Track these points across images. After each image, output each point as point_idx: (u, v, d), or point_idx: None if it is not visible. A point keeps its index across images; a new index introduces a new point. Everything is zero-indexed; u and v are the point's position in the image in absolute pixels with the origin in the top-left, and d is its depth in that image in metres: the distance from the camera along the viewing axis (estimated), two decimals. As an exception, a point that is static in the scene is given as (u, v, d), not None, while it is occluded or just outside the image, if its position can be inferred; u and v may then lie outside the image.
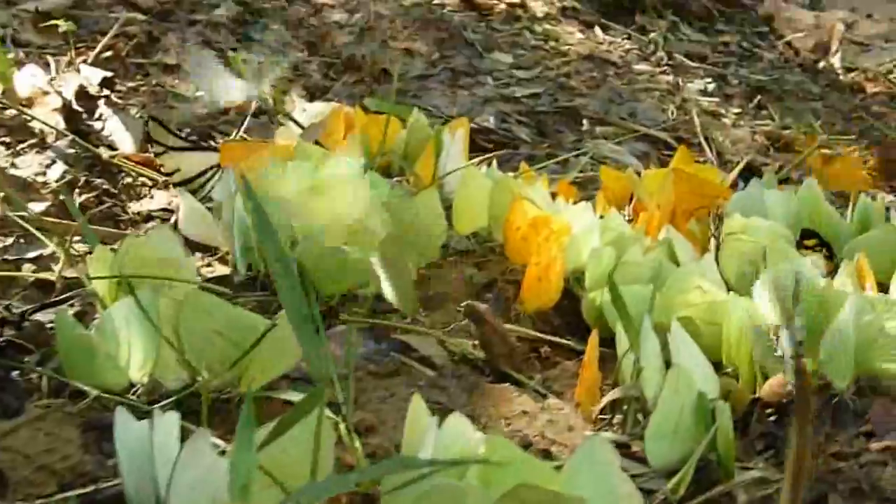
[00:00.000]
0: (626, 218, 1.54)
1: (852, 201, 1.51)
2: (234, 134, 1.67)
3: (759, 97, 2.62)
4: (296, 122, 1.68)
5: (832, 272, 1.39)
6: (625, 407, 1.07)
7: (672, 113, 2.35)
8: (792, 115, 2.62)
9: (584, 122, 2.20)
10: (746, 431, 1.09)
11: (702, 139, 2.25)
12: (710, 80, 2.64)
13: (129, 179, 1.54)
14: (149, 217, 1.46)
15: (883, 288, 1.33)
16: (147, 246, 1.11)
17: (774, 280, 1.15)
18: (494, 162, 1.49)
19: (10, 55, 1.73)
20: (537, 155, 1.97)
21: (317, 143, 1.55)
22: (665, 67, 2.65)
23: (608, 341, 1.15)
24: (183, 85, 1.98)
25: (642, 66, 2.63)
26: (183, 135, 1.49)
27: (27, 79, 1.67)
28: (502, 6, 2.78)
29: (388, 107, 1.71)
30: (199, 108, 1.79)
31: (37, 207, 1.38)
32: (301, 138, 1.49)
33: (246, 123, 1.71)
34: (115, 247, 1.11)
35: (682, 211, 1.52)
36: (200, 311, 0.96)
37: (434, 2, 2.70)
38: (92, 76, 1.76)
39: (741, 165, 1.78)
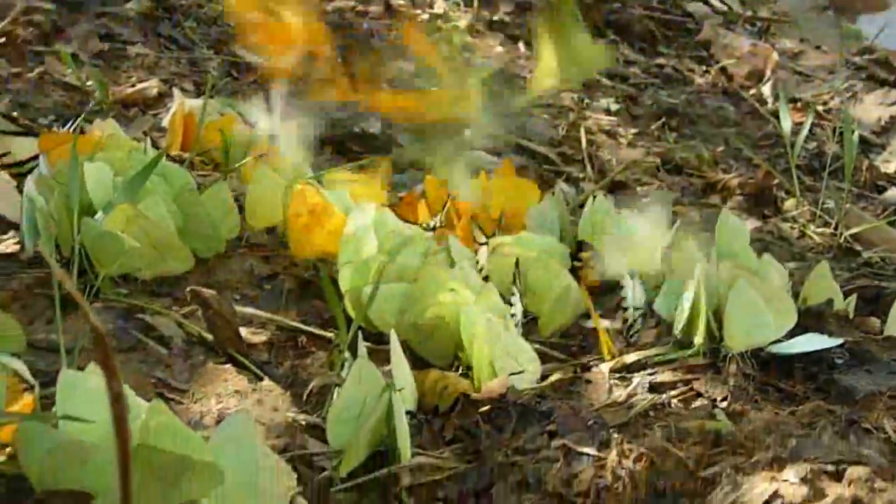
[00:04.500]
0: (439, 223, 1.62)
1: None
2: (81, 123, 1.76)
3: (663, 120, 2.69)
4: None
5: (599, 286, 1.49)
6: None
7: (563, 129, 2.43)
8: (701, 140, 2.69)
9: (466, 132, 2.27)
10: (446, 424, 1.17)
11: (585, 156, 2.33)
12: (616, 99, 2.72)
13: (-28, 160, 1.63)
14: (-21, 196, 1.55)
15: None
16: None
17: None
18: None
19: None
20: (402, 161, 2.05)
21: (145, 133, 1.64)
22: (573, 84, 2.72)
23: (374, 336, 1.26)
24: (75, 75, 2.08)
25: (550, 82, 2.71)
26: (20, 121, 1.58)
27: None
28: (425, 16, 2.86)
29: (237, 107, 1.81)
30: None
31: None
32: (126, 132, 1.58)
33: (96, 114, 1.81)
34: None
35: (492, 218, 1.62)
36: None
37: (358, 8, 2.80)
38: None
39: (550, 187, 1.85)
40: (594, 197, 1.60)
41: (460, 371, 1.28)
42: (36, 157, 1.53)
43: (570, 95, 2.67)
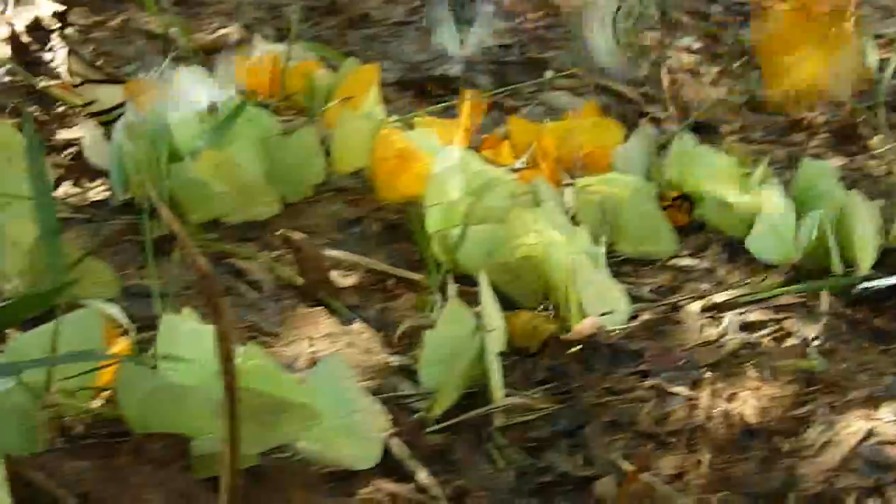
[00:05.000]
0: (524, 164, 1.62)
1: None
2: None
3: (746, 58, 2.65)
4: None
5: (688, 225, 1.48)
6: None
7: (645, 69, 2.40)
8: (784, 77, 2.65)
9: (548, 72, 2.26)
10: (537, 365, 1.17)
11: (667, 95, 2.30)
12: (698, 38, 2.68)
13: (62, 108, 1.65)
14: (69, 144, 1.57)
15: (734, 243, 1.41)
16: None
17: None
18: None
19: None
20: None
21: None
22: (655, 24, 2.69)
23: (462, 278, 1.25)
24: (155, 21, 2.08)
25: (630, 22, 2.68)
26: (104, 69, 1.59)
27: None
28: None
29: (321, 51, 1.81)
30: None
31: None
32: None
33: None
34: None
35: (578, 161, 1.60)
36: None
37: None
38: (47, 8, 1.87)
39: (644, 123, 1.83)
40: (680, 136, 1.58)
41: (549, 312, 1.27)
42: (122, 105, 1.54)
43: (652, 34, 2.64)
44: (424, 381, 1.09)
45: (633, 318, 1.28)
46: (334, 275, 1.29)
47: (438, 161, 1.42)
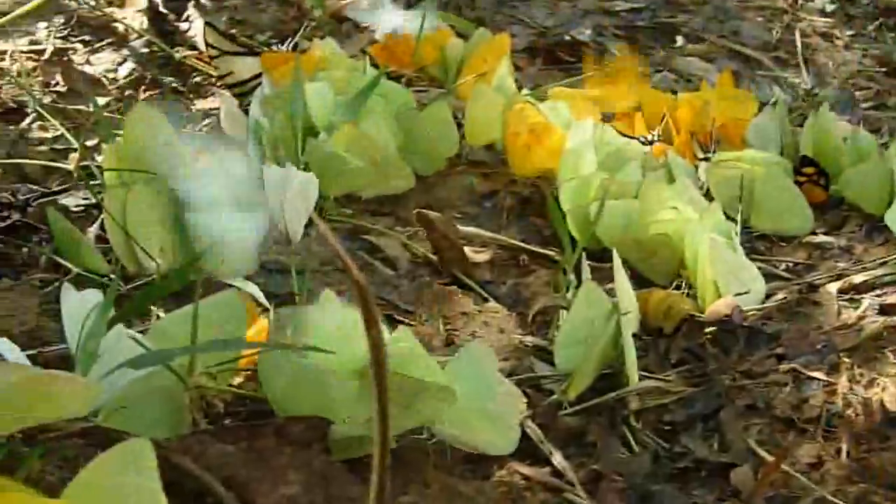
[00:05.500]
0: (657, 136, 1.61)
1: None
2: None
3: (881, 20, 2.60)
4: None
5: (825, 201, 1.46)
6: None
7: (777, 32, 2.37)
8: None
9: (679, 38, 2.24)
10: (671, 346, 1.17)
11: (800, 60, 2.27)
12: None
13: (198, 79, 1.67)
14: (207, 115, 1.59)
15: (872, 220, 1.39)
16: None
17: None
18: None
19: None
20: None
21: (363, 51, 1.66)
22: (787, -15, 2.64)
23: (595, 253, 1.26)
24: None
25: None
26: (238, 39, 1.61)
27: (119, -22, 1.82)
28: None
29: (454, 20, 1.81)
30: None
31: (100, 101, 1.52)
32: (344, 49, 1.60)
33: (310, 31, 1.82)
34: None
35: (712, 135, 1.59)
36: (144, 206, 1.10)
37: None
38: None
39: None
40: (815, 106, 1.56)
41: (682, 290, 1.26)
42: (258, 77, 1.56)
43: (784, -5, 2.59)
44: (560, 363, 1.09)
45: (769, 297, 1.27)
46: (467, 250, 1.29)
47: (571, 136, 1.42)
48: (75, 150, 1.37)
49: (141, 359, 0.80)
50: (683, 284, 1.28)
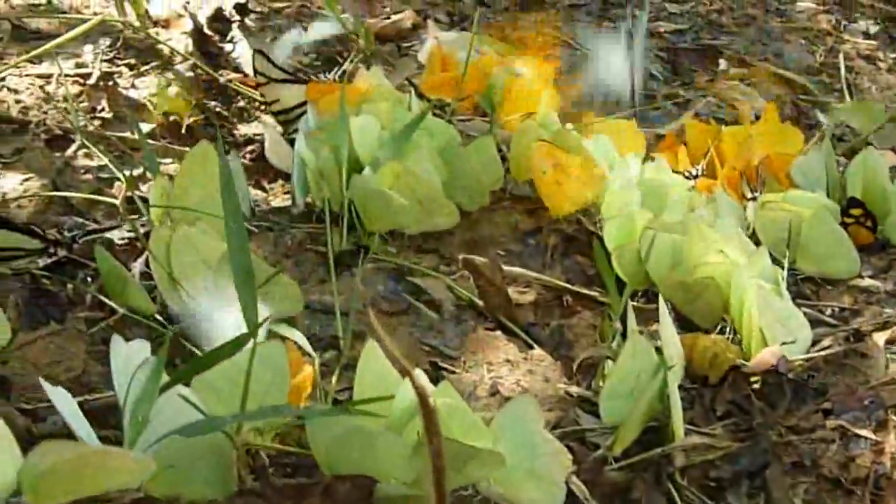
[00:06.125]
0: (701, 171, 1.60)
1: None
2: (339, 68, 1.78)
3: (926, 41, 2.58)
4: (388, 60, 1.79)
5: (872, 244, 1.44)
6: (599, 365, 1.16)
7: (821, 55, 2.35)
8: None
9: (722, 61, 2.23)
10: (717, 398, 1.16)
11: (843, 84, 2.25)
12: (876, 21, 2.61)
13: (243, 103, 1.67)
14: (250, 141, 1.59)
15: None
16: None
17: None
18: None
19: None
20: (656, 96, 2.02)
21: (409, 81, 1.66)
22: (831, 6, 2.63)
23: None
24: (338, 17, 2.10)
25: (806, 4, 2.62)
26: (285, 67, 1.61)
27: (164, 1, 1.82)
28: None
29: (499, 46, 1.80)
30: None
31: (144, 128, 1.52)
32: (389, 78, 1.60)
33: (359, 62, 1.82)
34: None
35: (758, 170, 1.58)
36: (190, 246, 1.11)
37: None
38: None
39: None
40: (865, 146, 1.55)
41: (727, 335, 1.26)
42: (303, 105, 1.55)
43: (827, 17, 2.57)
44: (605, 416, 1.09)
45: (815, 343, 1.26)
46: (511, 291, 1.29)
47: (615, 173, 1.41)
48: (120, 180, 1.37)
49: (193, 427, 0.80)
50: (728, 329, 1.27)
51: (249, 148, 1.57)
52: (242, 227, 0.90)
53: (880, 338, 1.25)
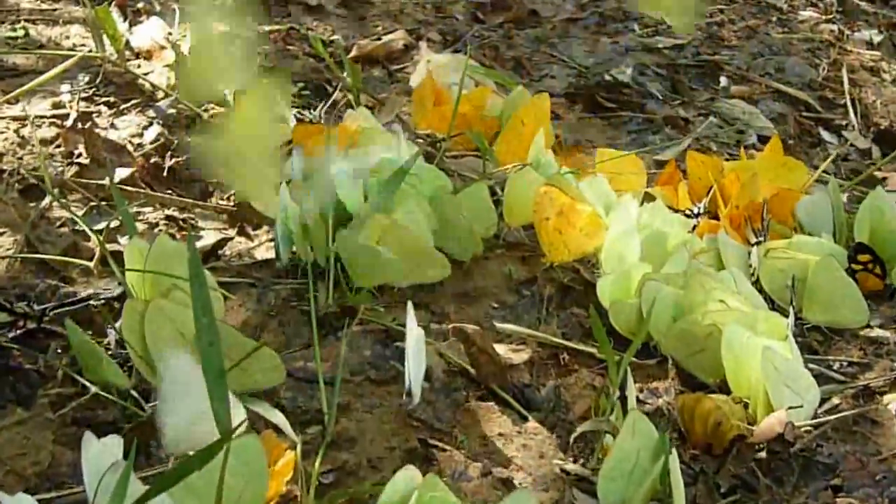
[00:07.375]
0: (703, 209, 1.54)
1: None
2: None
3: (930, 50, 2.52)
4: (374, 97, 1.73)
5: (881, 291, 1.39)
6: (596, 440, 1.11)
7: (824, 69, 2.29)
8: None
9: (723, 78, 2.17)
10: (721, 471, 1.11)
11: (848, 100, 2.19)
12: (879, 29, 2.55)
13: (227, 139, 1.61)
14: (234, 182, 1.53)
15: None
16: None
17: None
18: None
19: (140, 4, 1.83)
20: (656, 118, 1.96)
21: (398, 118, 1.60)
22: (833, 15, 2.57)
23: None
24: (321, 27, 2.05)
25: (808, 13, 2.56)
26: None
27: (146, 32, 1.76)
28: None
29: (492, 75, 1.75)
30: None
31: (123, 172, 1.46)
32: (378, 115, 1.54)
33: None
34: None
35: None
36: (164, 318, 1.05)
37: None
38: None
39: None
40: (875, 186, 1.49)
41: (732, 397, 1.20)
42: (289, 143, 1.50)
43: (830, 27, 2.51)
44: (603, 497, 1.04)
45: (824, 401, 1.20)
46: (505, 349, 1.24)
47: (613, 222, 1.36)
48: (101, 230, 1.31)
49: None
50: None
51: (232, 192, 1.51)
52: (214, 322, 0.85)
53: (891, 400, 1.20)
